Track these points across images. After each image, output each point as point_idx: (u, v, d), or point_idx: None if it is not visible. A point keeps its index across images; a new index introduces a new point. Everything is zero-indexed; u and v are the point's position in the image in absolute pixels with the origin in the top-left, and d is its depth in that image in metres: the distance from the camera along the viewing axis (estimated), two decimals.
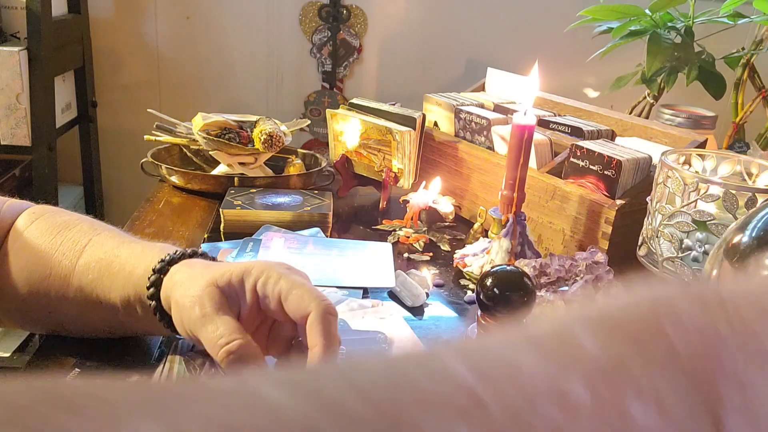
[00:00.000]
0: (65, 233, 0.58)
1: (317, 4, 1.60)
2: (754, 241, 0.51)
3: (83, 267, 0.56)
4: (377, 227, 0.99)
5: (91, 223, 0.60)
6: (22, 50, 1.25)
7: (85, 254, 0.57)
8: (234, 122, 1.10)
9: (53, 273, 0.57)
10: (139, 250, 0.56)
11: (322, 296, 0.48)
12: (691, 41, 1.27)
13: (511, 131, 0.79)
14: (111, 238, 0.58)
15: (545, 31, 1.65)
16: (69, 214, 0.62)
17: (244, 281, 0.49)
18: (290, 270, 0.50)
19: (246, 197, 0.96)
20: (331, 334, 0.47)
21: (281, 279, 0.48)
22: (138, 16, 1.59)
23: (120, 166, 1.71)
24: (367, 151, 1.08)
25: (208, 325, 0.47)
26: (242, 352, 0.46)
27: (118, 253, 0.56)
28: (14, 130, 1.29)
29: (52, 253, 0.57)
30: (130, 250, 0.56)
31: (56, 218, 0.60)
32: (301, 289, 0.48)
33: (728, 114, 1.40)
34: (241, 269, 0.49)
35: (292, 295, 0.47)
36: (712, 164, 0.72)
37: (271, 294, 0.48)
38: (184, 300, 0.49)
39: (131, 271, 0.54)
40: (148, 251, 0.55)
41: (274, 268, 0.49)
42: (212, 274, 0.49)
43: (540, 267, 0.72)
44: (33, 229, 0.59)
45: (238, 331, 0.47)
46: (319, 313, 0.46)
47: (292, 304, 0.47)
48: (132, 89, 1.65)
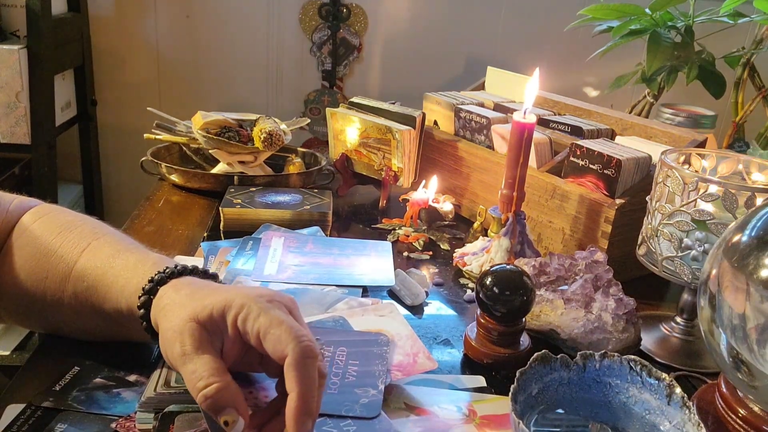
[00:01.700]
0: (65, 235, 0.58)
1: (317, 2, 1.60)
2: (753, 241, 0.51)
3: (79, 273, 0.56)
4: (377, 226, 0.99)
5: (92, 226, 0.60)
6: (22, 48, 1.25)
7: (82, 260, 0.56)
8: (234, 121, 1.10)
9: (50, 276, 0.57)
10: (132, 263, 0.55)
11: (300, 336, 0.45)
12: (691, 40, 1.26)
13: (511, 130, 0.79)
14: (109, 244, 0.57)
15: (545, 30, 1.65)
16: (73, 214, 0.62)
17: (225, 315, 0.47)
18: (272, 303, 0.48)
19: (246, 196, 0.96)
20: (308, 379, 0.44)
21: (260, 316, 0.46)
22: (138, 14, 1.59)
23: (120, 164, 1.71)
24: (367, 149, 1.08)
25: (188, 364, 0.46)
26: (219, 396, 0.44)
27: (113, 264, 0.55)
28: (14, 129, 1.29)
29: (50, 255, 0.57)
30: (124, 261, 0.55)
31: (59, 218, 0.60)
32: (279, 329, 0.45)
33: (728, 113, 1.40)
34: (222, 303, 0.47)
35: (269, 335, 0.46)
36: (712, 163, 0.72)
37: (251, 331, 0.46)
38: (167, 333, 0.48)
39: (123, 286, 0.54)
40: (141, 265, 0.54)
41: (254, 303, 0.47)
42: (194, 307, 0.48)
43: (539, 266, 0.72)
44: (35, 227, 0.59)
45: (217, 373, 0.45)
46: (294, 357, 0.44)
47: (269, 344, 0.46)
48: (132, 88, 1.65)
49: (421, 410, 0.56)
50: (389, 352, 0.61)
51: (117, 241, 0.58)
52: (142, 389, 0.54)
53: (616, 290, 0.69)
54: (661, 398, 0.53)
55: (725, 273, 0.52)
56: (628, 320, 0.67)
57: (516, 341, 0.65)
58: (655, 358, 0.69)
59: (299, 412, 0.44)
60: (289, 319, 0.47)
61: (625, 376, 0.55)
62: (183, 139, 1.14)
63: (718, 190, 0.63)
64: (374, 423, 0.52)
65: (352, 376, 0.56)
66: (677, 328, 0.73)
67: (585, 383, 0.56)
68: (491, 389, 0.61)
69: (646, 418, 0.54)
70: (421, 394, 0.58)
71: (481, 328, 0.65)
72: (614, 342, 0.66)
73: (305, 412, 0.44)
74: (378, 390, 0.55)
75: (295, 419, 0.44)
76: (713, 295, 0.52)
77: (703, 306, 0.54)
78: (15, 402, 0.52)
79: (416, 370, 0.60)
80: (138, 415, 0.52)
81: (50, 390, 0.54)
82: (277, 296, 0.49)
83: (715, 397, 0.57)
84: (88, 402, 0.53)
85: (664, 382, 0.53)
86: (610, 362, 0.56)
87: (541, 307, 0.69)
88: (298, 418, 0.44)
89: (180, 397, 0.52)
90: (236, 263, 0.78)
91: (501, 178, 0.82)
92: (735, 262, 0.51)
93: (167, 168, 1.07)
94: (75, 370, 0.57)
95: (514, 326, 0.64)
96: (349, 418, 0.52)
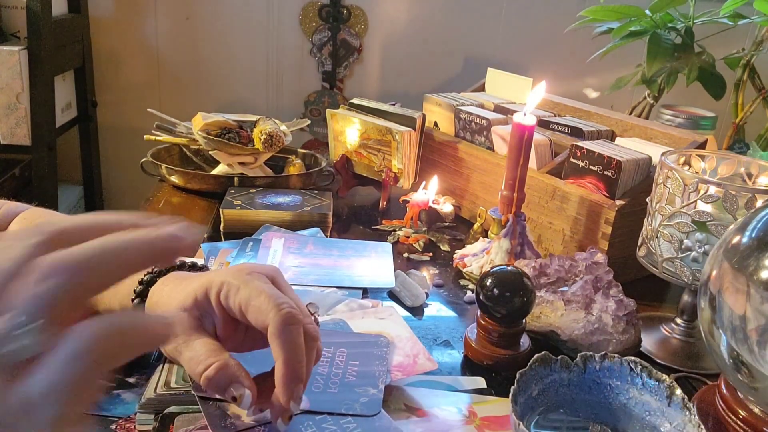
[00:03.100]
0: None
1: (317, 4, 1.60)
2: (753, 242, 0.51)
3: None
4: (377, 227, 0.99)
5: None
6: (23, 50, 1.25)
7: None
8: (234, 122, 1.10)
9: None
10: None
11: (280, 304, 0.45)
12: (691, 42, 1.27)
13: (511, 131, 0.79)
14: None
15: (545, 31, 1.65)
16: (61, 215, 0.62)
17: (208, 296, 0.48)
18: (251, 275, 0.48)
19: (246, 197, 0.96)
20: (292, 345, 0.45)
21: (240, 289, 0.46)
22: (138, 15, 1.59)
23: (120, 165, 1.71)
24: (367, 151, 1.08)
25: (185, 352, 0.46)
26: (221, 375, 0.45)
27: None
28: (14, 130, 1.29)
29: None
30: None
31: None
32: (258, 299, 0.46)
33: (728, 114, 1.40)
34: (203, 285, 0.48)
35: (251, 307, 0.46)
36: (712, 165, 0.72)
37: (234, 306, 0.47)
38: None
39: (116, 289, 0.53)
40: None
41: (234, 278, 0.47)
42: (179, 297, 0.48)
43: (540, 267, 0.72)
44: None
45: (214, 353, 0.46)
46: (275, 326, 0.45)
47: (252, 316, 0.46)
48: (132, 89, 1.65)
49: (421, 412, 0.56)
50: (389, 353, 0.61)
51: None
52: (142, 390, 0.54)
53: (617, 291, 0.69)
54: (661, 399, 0.53)
55: (725, 274, 0.52)
56: (629, 321, 0.67)
57: (516, 342, 0.65)
58: (655, 360, 0.69)
59: (286, 378, 0.44)
60: (270, 287, 0.47)
61: (626, 377, 0.55)
62: (183, 141, 1.14)
63: (718, 192, 0.63)
64: (374, 420, 0.52)
65: (352, 376, 0.56)
66: (677, 330, 0.73)
67: (585, 384, 0.56)
68: (491, 390, 0.61)
69: (647, 419, 0.54)
70: (421, 395, 0.58)
71: (481, 330, 0.65)
72: (614, 343, 0.66)
73: (292, 378, 0.44)
74: (378, 389, 0.55)
75: (283, 386, 0.44)
76: (713, 297, 0.52)
77: (703, 307, 0.54)
78: None
79: (416, 371, 0.60)
80: (138, 416, 0.52)
81: None
82: (257, 267, 0.49)
83: (716, 398, 0.57)
84: None
85: (665, 384, 0.53)
86: (611, 363, 0.56)
87: (542, 308, 0.69)
88: (286, 384, 0.44)
89: (180, 398, 0.52)
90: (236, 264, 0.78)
91: (501, 179, 0.82)
92: (735, 264, 0.51)
93: (167, 169, 1.07)
94: None
95: (515, 327, 0.64)
96: (349, 416, 0.52)
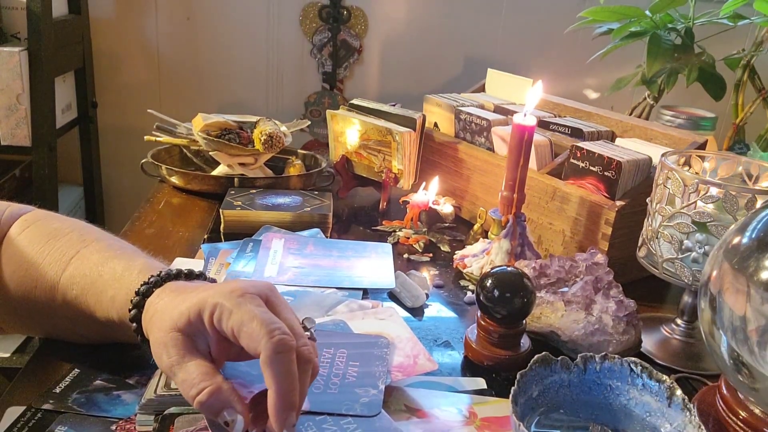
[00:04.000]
0: (52, 243, 0.58)
1: (317, 4, 1.60)
2: (754, 243, 0.51)
3: (67, 281, 0.56)
4: (377, 228, 0.99)
5: (80, 233, 0.59)
6: (23, 51, 1.25)
7: (70, 268, 0.56)
8: (234, 123, 1.10)
9: (39, 285, 0.57)
10: (119, 272, 0.55)
11: (273, 330, 0.44)
12: (691, 42, 1.27)
13: (511, 132, 0.79)
14: (97, 252, 0.57)
15: (546, 32, 1.65)
16: (61, 221, 0.61)
17: (202, 318, 0.47)
18: (244, 297, 0.46)
19: (246, 198, 0.96)
20: (284, 374, 0.44)
21: (233, 313, 0.45)
22: (138, 16, 1.59)
23: (120, 166, 1.71)
24: (367, 151, 1.08)
25: (178, 374, 0.46)
26: (213, 400, 0.44)
27: (101, 272, 0.55)
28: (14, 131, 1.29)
29: (38, 264, 0.57)
30: (111, 269, 0.55)
31: (47, 226, 0.60)
32: (250, 325, 0.44)
33: (728, 115, 1.40)
34: (197, 306, 0.47)
35: (242, 333, 0.45)
36: (712, 165, 0.72)
37: (227, 330, 0.46)
38: (154, 347, 0.48)
39: (113, 297, 0.54)
40: (127, 274, 0.54)
41: (227, 300, 0.46)
42: (172, 315, 0.47)
43: (540, 268, 0.72)
44: (22, 238, 0.59)
45: (206, 377, 0.45)
46: (267, 354, 0.44)
47: (244, 342, 0.45)
48: (132, 90, 1.65)
49: (421, 412, 0.56)
50: (389, 354, 0.60)
51: (105, 248, 0.58)
52: (142, 391, 0.54)
53: (617, 292, 0.69)
54: (661, 400, 0.53)
55: (726, 275, 0.52)
56: (629, 322, 0.67)
57: (516, 343, 0.65)
58: (655, 360, 0.69)
59: (279, 408, 0.44)
60: (262, 311, 0.46)
61: (626, 378, 0.55)
62: (183, 141, 1.14)
63: (719, 192, 0.63)
64: (374, 421, 0.52)
65: (353, 377, 0.56)
66: (678, 330, 0.73)
67: (585, 385, 0.56)
68: (492, 391, 0.61)
69: (647, 420, 0.54)
70: (422, 396, 0.58)
71: (481, 330, 0.65)
72: (615, 344, 0.66)
73: (285, 407, 0.44)
74: (378, 390, 0.55)
75: (276, 415, 0.44)
76: (714, 297, 0.52)
77: (703, 308, 0.54)
78: (15, 404, 0.52)
79: (416, 372, 0.60)
80: (138, 417, 0.52)
81: (50, 392, 0.54)
82: (250, 288, 0.48)
83: (716, 399, 0.57)
84: (88, 404, 0.53)
85: (665, 384, 0.53)
86: (611, 364, 0.56)
87: (542, 309, 0.69)
88: (279, 413, 0.44)
89: (180, 399, 0.52)
90: (237, 265, 0.78)
91: (501, 180, 0.82)
92: (735, 264, 0.51)
93: (167, 170, 1.07)
94: (75, 372, 0.57)
95: (515, 328, 0.64)
96: (349, 417, 0.52)
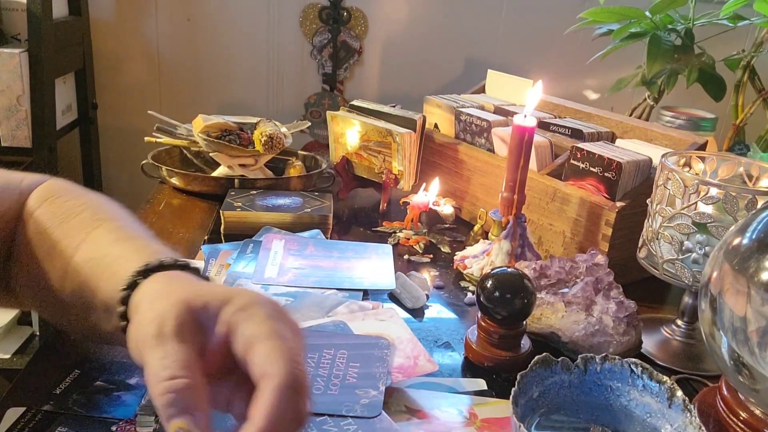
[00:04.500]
0: (65, 225, 0.52)
1: (318, 6, 1.61)
2: (754, 244, 0.51)
3: (74, 268, 0.49)
4: (377, 229, 0.99)
5: (94, 212, 0.53)
6: (23, 52, 1.25)
7: (79, 253, 0.50)
8: (234, 124, 1.10)
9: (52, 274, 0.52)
10: (132, 251, 0.48)
11: (297, 363, 0.36)
12: (691, 43, 1.27)
13: (512, 133, 0.79)
14: (108, 232, 0.51)
15: (546, 32, 1.65)
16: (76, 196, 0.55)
17: (221, 309, 0.39)
18: (280, 318, 0.38)
19: (246, 199, 0.96)
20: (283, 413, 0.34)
21: (263, 323, 0.37)
22: (139, 17, 1.59)
23: (120, 167, 1.71)
24: (368, 152, 1.08)
25: (159, 347, 0.37)
26: (183, 396, 0.35)
27: (110, 251, 0.48)
28: (15, 132, 1.29)
29: (52, 252, 0.52)
30: (121, 249, 0.48)
31: (62, 204, 0.54)
32: (276, 344, 0.36)
33: (728, 116, 1.40)
34: (225, 296, 0.39)
35: (262, 345, 0.36)
36: (712, 166, 0.72)
37: (242, 334, 0.37)
38: (144, 319, 0.39)
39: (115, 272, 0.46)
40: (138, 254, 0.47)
41: (261, 307, 0.38)
42: (188, 291, 0.40)
43: (540, 269, 0.72)
44: (39, 216, 0.54)
45: (188, 369, 0.36)
46: (278, 382, 0.35)
47: (257, 356, 0.36)
48: (132, 91, 1.65)
49: (422, 413, 0.56)
50: (390, 355, 0.60)
51: (118, 228, 0.52)
52: (142, 392, 0.54)
53: (617, 293, 0.69)
54: (662, 401, 0.53)
55: (726, 276, 0.52)
56: (629, 323, 0.67)
57: (517, 344, 0.65)
58: (656, 361, 0.69)
59: None
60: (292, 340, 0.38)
61: (626, 379, 0.55)
62: (184, 143, 1.14)
63: (719, 193, 0.63)
64: (375, 422, 0.52)
65: (353, 378, 0.56)
66: (678, 331, 0.73)
67: (586, 386, 0.56)
68: (492, 392, 0.61)
69: (647, 421, 0.54)
70: (422, 397, 0.58)
71: (481, 331, 0.65)
72: (615, 345, 0.66)
73: None
74: (378, 391, 0.55)
75: None
76: (714, 298, 0.52)
77: (704, 309, 0.54)
78: (15, 405, 0.52)
79: (417, 373, 0.60)
80: (138, 418, 0.52)
81: (51, 393, 0.54)
82: (289, 314, 0.40)
83: (717, 400, 0.57)
84: (89, 405, 0.53)
85: (665, 385, 0.53)
86: (611, 365, 0.55)
87: (542, 310, 0.69)
88: None
89: None
90: (237, 266, 0.78)
91: (501, 181, 0.82)
92: (736, 265, 0.51)
93: (168, 171, 1.07)
94: (75, 373, 0.57)
95: (515, 329, 0.64)
96: (350, 418, 0.52)
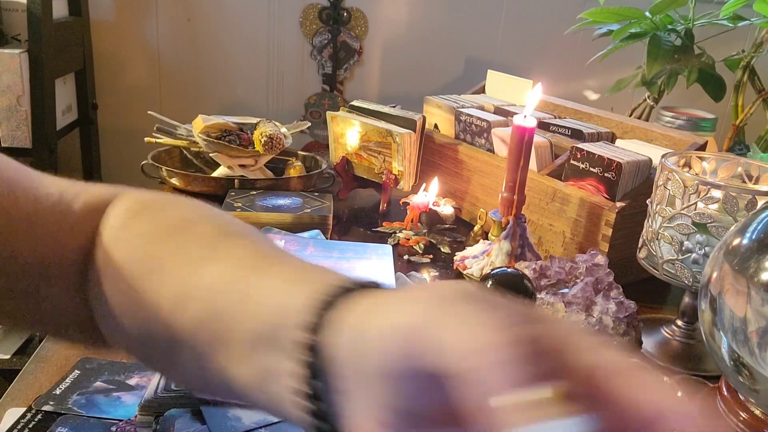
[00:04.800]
0: (172, 240, 0.37)
1: (318, 6, 1.61)
2: (754, 244, 0.51)
3: (197, 295, 0.34)
4: (377, 229, 0.99)
5: (210, 231, 0.38)
6: (23, 52, 1.25)
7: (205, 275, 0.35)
8: (234, 124, 1.10)
9: (154, 308, 0.35)
10: (290, 275, 0.36)
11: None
12: (691, 44, 1.27)
13: (512, 133, 0.79)
14: (234, 264, 0.36)
15: (546, 33, 1.65)
16: (172, 207, 0.40)
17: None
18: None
19: (246, 199, 0.96)
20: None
21: (593, 352, 0.24)
22: (139, 18, 1.59)
23: (120, 168, 1.71)
24: (368, 153, 1.08)
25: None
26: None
27: (254, 282, 0.35)
28: (15, 132, 1.29)
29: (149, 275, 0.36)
30: (276, 273, 0.36)
31: (157, 221, 0.39)
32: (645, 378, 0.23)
33: (728, 116, 1.40)
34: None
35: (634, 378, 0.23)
36: (712, 166, 0.72)
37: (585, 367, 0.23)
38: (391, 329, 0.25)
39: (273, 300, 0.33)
40: (304, 278, 0.34)
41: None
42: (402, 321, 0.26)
43: (540, 269, 0.72)
44: (128, 234, 0.38)
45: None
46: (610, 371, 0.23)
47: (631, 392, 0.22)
48: (132, 91, 1.65)
49: None
50: None
51: (245, 257, 0.37)
52: (142, 393, 0.54)
53: (617, 293, 0.69)
54: None
55: (726, 276, 0.52)
56: (629, 323, 0.67)
57: None
58: (656, 362, 0.69)
59: None
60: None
61: None
62: (184, 143, 1.14)
63: (719, 193, 0.63)
64: None
65: None
66: (678, 332, 0.73)
67: None
68: None
69: None
70: None
71: None
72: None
73: None
74: None
75: None
76: (714, 299, 0.52)
77: (704, 309, 0.54)
78: (15, 406, 0.52)
79: None
80: (138, 418, 0.52)
81: (51, 394, 0.54)
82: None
83: (717, 400, 0.57)
84: (89, 406, 0.53)
85: None
86: None
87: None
88: None
89: (180, 401, 0.52)
90: None
91: (501, 181, 0.82)
92: (736, 265, 0.51)
93: (168, 171, 1.07)
94: (75, 373, 0.57)
95: None
96: None
